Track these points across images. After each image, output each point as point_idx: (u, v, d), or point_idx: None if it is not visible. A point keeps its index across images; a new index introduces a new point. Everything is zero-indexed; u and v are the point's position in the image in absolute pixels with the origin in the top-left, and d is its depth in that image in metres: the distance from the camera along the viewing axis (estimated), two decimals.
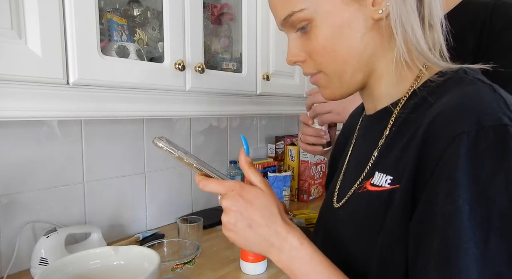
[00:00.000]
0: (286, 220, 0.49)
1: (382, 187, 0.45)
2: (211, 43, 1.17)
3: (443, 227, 0.36)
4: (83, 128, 1.06)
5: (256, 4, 1.17)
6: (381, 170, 0.46)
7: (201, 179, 0.50)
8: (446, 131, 0.37)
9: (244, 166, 0.51)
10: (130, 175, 1.19)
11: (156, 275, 0.68)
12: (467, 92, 0.40)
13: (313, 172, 1.66)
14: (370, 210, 0.46)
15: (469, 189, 0.35)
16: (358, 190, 0.50)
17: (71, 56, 0.71)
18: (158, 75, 0.87)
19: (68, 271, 0.70)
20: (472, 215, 0.35)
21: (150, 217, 1.26)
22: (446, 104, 0.40)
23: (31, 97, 0.68)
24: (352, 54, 0.47)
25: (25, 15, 0.64)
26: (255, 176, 0.50)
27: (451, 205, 0.36)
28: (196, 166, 0.49)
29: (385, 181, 0.45)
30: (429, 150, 0.39)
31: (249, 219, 0.47)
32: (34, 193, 0.97)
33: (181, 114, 0.99)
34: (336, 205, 0.54)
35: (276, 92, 1.29)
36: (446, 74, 0.46)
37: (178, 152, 0.48)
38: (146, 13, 0.97)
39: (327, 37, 0.47)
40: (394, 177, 0.44)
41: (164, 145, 0.48)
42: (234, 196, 0.48)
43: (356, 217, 0.49)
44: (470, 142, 0.35)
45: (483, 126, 0.36)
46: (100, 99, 0.78)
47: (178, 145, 0.51)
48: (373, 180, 0.47)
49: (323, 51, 0.48)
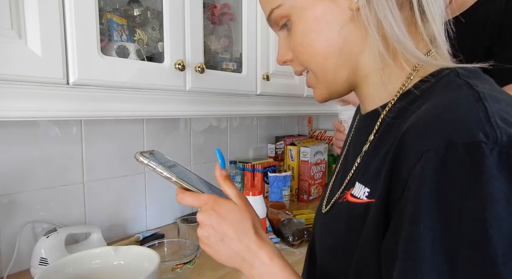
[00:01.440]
0: (261, 235, 0.48)
1: (360, 199, 0.42)
2: (211, 43, 1.17)
3: (404, 257, 0.33)
4: (83, 128, 1.06)
5: (256, 4, 1.17)
6: (361, 181, 0.43)
7: (178, 193, 0.50)
8: (415, 147, 0.34)
9: (219, 179, 0.51)
10: (130, 175, 1.19)
11: (156, 275, 0.68)
12: (446, 101, 0.35)
13: (313, 172, 1.66)
14: (348, 222, 0.44)
15: (434, 214, 0.31)
16: (340, 199, 0.48)
17: (71, 56, 0.71)
18: (158, 75, 0.87)
19: (68, 271, 0.70)
20: (435, 244, 0.31)
21: (150, 217, 1.26)
22: (420, 115, 0.36)
23: (31, 97, 0.68)
24: (330, 49, 0.44)
25: (25, 15, 0.64)
26: (231, 190, 0.50)
27: (413, 231, 0.32)
28: (176, 180, 0.48)
29: (363, 193, 0.42)
30: (400, 167, 0.35)
31: (222, 233, 0.47)
32: (34, 193, 0.97)
33: (181, 114, 0.99)
34: (323, 211, 0.52)
35: (276, 92, 1.29)
36: (439, 74, 0.41)
37: (159, 167, 0.47)
38: (146, 13, 0.97)
39: (304, 33, 0.45)
40: (371, 190, 0.41)
41: (144, 160, 0.47)
42: (207, 210, 0.47)
43: (336, 227, 0.47)
44: (438, 160, 0.31)
45: (453, 143, 0.31)
46: (100, 99, 0.78)
47: (165, 156, 0.52)
48: (353, 190, 0.44)
49: (301, 47, 0.46)
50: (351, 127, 0.61)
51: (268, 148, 1.79)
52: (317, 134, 2.07)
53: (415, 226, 0.32)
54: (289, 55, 0.50)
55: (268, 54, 1.24)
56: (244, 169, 1.55)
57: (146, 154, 0.48)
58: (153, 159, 0.48)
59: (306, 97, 1.50)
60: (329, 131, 2.04)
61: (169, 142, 1.30)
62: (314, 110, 1.67)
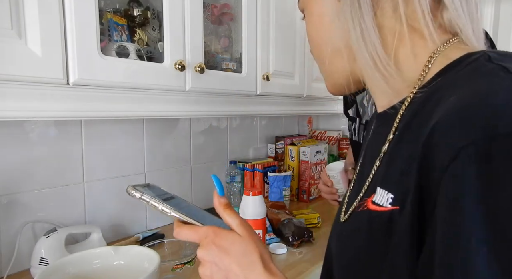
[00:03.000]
0: (271, 268, 0.43)
1: (383, 207, 0.36)
2: (211, 43, 1.17)
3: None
4: (83, 128, 1.06)
5: (256, 4, 1.17)
6: (383, 186, 0.37)
7: (175, 227, 0.45)
8: (448, 143, 0.28)
9: (219, 208, 0.46)
10: (130, 175, 1.19)
11: (156, 275, 0.68)
12: (479, 88, 0.30)
13: (313, 172, 1.66)
14: (370, 233, 0.38)
15: (485, 224, 0.26)
16: (359, 207, 0.42)
17: (71, 56, 0.71)
18: (158, 75, 0.87)
19: (68, 271, 0.70)
20: (492, 261, 0.25)
21: (150, 217, 1.26)
22: (450, 106, 0.30)
23: (31, 97, 0.68)
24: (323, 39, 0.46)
25: (25, 15, 0.64)
26: (232, 219, 0.45)
27: (461, 248, 0.26)
28: (172, 213, 0.44)
29: (386, 200, 0.36)
30: (431, 169, 0.30)
31: (226, 270, 0.42)
32: (34, 193, 0.97)
33: (181, 114, 0.99)
34: (342, 220, 0.46)
35: (276, 92, 1.29)
36: (467, 59, 0.35)
37: (152, 200, 0.44)
38: (146, 13, 0.97)
39: (307, 24, 0.48)
40: (395, 196, 0.35)
41: (137, 193, 0.44)
42: (208, 244, 0.42)
43: (355, 239, 0.42)
44: (479, 157, 0.26)
45: (496, 135, 0.26)
46: (100, 99, 0.78)
47: (161, 189, 0.48)
48: (375, 197, 0.38)
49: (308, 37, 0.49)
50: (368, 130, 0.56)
51: (268, 148, 1.79)
52: (317, 134, 2.07)
53: (463, 241, 0.26)
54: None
55: (268, 54, 1.24)
56: (244, 169, 1.55)
57: (139, 187, 0.45)
58: (147, 193, 0.44)
59: (306, 97, 1.50)
60: (329, 131, 2.04)
61: (169, 142, 1.30)
62: (314, 110, 1.67)
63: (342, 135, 2.04)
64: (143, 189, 0.45)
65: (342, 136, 2.03)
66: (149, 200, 0.43)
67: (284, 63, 1.33)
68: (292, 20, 1.37)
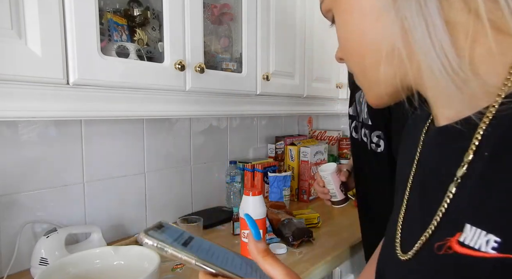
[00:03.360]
0: None
1: (481, 253, 0.28)
2: (211, 43, 1.17)
3: None
4: (83, 128, 1.06)
5: (256, 4, 1.17)
6: (477, 224, 0.29)
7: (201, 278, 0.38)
8: None
9: (256, 257, 0.38)
10: (130, 175, 1.19)
11: (156, 275, 0.68)
12: None
13: (313, 172, 1.66)
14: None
15: None
16: (439, 249, 0.32)
17: (71, 56, 0.71)
18: (158, 75, 0.87)
19: (68, 271, 0.70)
20: None
21: (150, 217, 1.26)
22: None
23: (31, 97, 0.68)
24: (368, 44, 0.36)
25: (25, 15, 0.64)
26: (274, 270, 0.37)
27: None
28: (197, 263, 0.37)
29: (486, 243, 0.28)
30: None
31: None
32: (34, 193, 0.97)
33: (181, 114, 0.99)
34: (401, 257, 0.37)
35: (276, 92, 1.29)
36: None
37: (171, 248, 0.37)
38: (146, 13, 0.97)
39: (339, 26, 0.38)
40: (503, 240, 0.27)
41: (150, 241, 0.37)
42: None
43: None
44: None
45: None
46: (100, 99, 0.78)
47: (175, 227, 0.41)
48: (463, 237, 0.30)
49: (339, 43, 0.39)
50: (409, 136, 0.48)
51: (268, 148, 1.79)
52: (317, 134, 2.07)
53: None
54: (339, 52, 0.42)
55: (268, 54, 1.24)
56: (244, 169, 1.55)
57: (151, 232, 0.38)
58: (162, 238, 0.37)
59: (306, 97, 1.50)
60: (329, 131, 2.04)
61: (169, 142, 1.30)
62: (314, 110, 1.67)
63: (342, 135, 2.04)
64: (156, 233, 0.38)
65: (342, 136, 2.03)
66: (168, 249, 0.37)
67: (284, 63, 1.33)
68: (292, 20, 1.37)
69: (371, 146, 0.83)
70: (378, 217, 0.87)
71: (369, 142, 0.84)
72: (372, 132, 0.82)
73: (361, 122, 0.88)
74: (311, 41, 1.49)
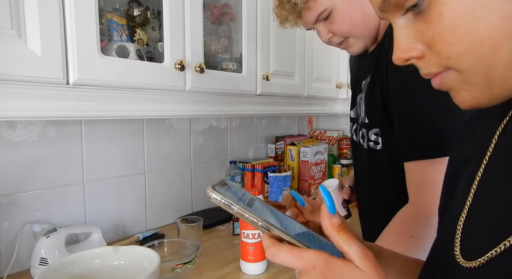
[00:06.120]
0: None
1: None
2: (211, 43, 1.17)
3: None
4: (83, 128, 1.06)
5: (256, 4, 1.17)
6: None
7: (269, 245, 0.34)
8: None
9: (330, 231, 0.35)
10: (130, 175, 1.19)
11: (156, 275, 0.68)
12: None
13: (313, 172, 1.66)
14: None
15: None
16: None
17: (71, 56, 0.71)
18: (158, 75, 0.87)
19: (68, 271, 0.70)
20: None
21: (150, 217, 1.26)
22: None
23: (31, 97, 0.68)
24: (502, 34, 0.27)
25: (25, 15, 0.64)
26: (351, 247, 0.33)
27: None
28: (263, 226, 0.35)
29: None
30: None
31: None
32: (34, 193, 0.97)
33: (181, 114, 0.99)
34: (464, 264, 0.33)
35: (276, 92, 1.29)
36: None
37: (237, 207, 0.35)
38: (146, 13, 0.97)
39: (457, 13, 0.28)
40: None
41: (220, 197, 0.35)
42: (316, 276, 0.32)
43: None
44: None
45: None
46: (100, 99, 0.78)
47: (237, 187, 0.39)
48: None
49: (452, 35, 0.29)
50: (470, 133, 0.44)
51: (268, 148, 1.79)
52: (317, 134, 2.07)
53: None
54: (418, 49, 0.32)
55: (268, 54, 1.24)
56: (244, 169, 1.55)
57: (218, 187, 0.36)
58: (229, 195, 0.36)
59: (306, 97, 1.50)
60: (329, 131, 2.04)
61: (169, 142, 1.30)
62: (314, 110, 1.67)
63: (342, 135, 2.04)
64: (223, 189, 0.36)
65: (342, 136, 2.03)
66: (235, 207, 0.35)
67: (284, 63, 1.33)
68: None
69: (369, 145, 0.83)
70: (378, 217, 0.87)
71: (367, 141, 0.84)
72: (369, 130, 0.82)
73: (360, 124, 0.88)
74: (311, 41, 1.49)
